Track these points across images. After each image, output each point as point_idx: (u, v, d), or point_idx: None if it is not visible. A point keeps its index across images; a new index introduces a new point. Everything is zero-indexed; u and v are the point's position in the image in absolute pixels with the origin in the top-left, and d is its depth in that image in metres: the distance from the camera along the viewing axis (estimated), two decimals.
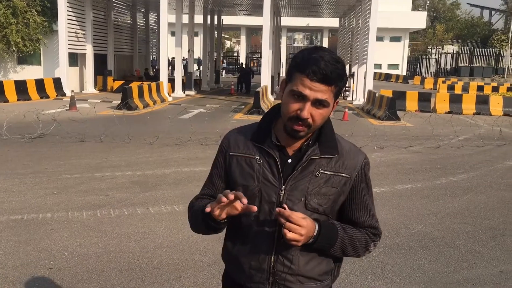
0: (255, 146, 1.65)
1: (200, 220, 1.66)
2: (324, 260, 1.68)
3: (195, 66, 31.23)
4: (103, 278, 4.08)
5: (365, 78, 20.86)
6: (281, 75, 32.56)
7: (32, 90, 19.32)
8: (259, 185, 1.63)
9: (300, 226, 1.49)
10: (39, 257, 4.45)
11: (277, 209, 1.51)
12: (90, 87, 23.86)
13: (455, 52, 49.81)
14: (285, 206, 1.55)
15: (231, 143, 1.72)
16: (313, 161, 1.62)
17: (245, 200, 1.48)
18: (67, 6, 21.14)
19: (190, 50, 25.70)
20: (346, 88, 24.95)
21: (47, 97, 19.87)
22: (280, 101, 1.64)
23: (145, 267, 4.32)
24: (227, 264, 1.79)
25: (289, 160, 1.63)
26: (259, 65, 38.74)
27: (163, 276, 4.15)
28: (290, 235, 1.48)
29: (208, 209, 1.55)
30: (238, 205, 1.51)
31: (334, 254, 1.66)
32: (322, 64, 1.49)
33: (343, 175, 1.65)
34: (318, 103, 1.53)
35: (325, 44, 54.02)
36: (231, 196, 1.48)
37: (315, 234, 1.56)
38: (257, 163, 1.64)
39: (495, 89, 30.14)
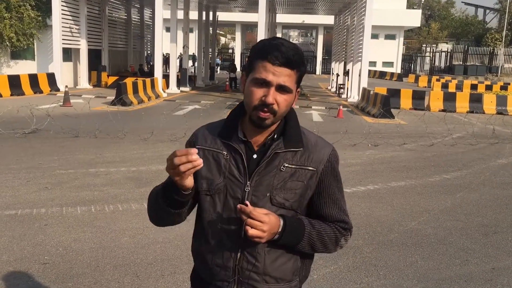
0: (222, 142, 1.63)
1: (162, 201, 1.59)
2: (292, 258, 1.64)
3: (190, 62, 31.14)
4: (97, 273, 4.08)
5: (359, 75, 20.90)
6: None
7: (25, 85, 19.20)
8: (224, 180, 1.61)
9: (262, 222, 1.46)
10: (34, 252, 4.44)
11: (239, 205, 1.48)
12: (84, 83, 23.75)
13: (449, 50, 50.04)
14: (247, 202, 1.49)
15: (199, 137, 1.70)
16: (277, 155, 1.58)
17: (192, 157, 1.40)
18: (61, 1, 21.01)
19: (185, 46, 25.63)
20: (341, 86, 25.03)
21: (41, 92, 19.76)
22: None
23: (139, 262, 4.32)
24: (195, 261, 1.75)
25: (254, 156, 1.60)
26: None
27: (158, 271, 4.16)
28: (251, 231, 1.46)
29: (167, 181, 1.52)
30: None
31: (302, 250, 1.62)
32: (283, 49, 1.50)
33: (309, 168, 1.61)
34: (282, 89, 1.51)
35: (320, 41, 54.11)
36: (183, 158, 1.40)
37: (279, 230, 1.52)
38: (224, 159, 1.62)
39: (489, 88, 30.32)
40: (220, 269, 1.63)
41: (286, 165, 1.58)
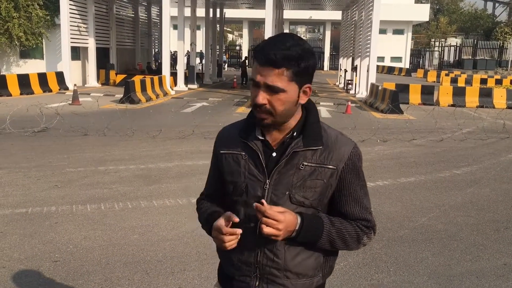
0: (241, 142, 1.65)
1: (205, 227, 1.76)
2: (313, 255, 1.63)
3: (197, 60, 31.17)
4: (108, 270, 4.10)
5: (368, 71, 20.79)
6: None
7: (34, 84, 19.34)
8: (245, 180, 1.62)
9: (277, 221, 1.47)
10: (44, 250, 4.47)
11: (255, 204, 1.49)
12: (92, 81, 23.86)
13: (458, 44, 49.64)
14: (263, 201, 1.50)
15: (221, 141, 1.73)
16: (296, 153, 1.58)
17: (235, 219, 1.55)
18: (69, 0, 21.10)
19: (193, 44, 25.64)
20: (349, 81, 24.91)
21: (50, 91, 19.89)
22: None
23: (149, 260, 4.34)
24: (220, 257, 1.79)
25: (274, 154, 1.60)
26: None
27: (168, 268, 4.17)
28: (266, 230, 1.47)
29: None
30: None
31: (322, 247, 1.61)
32: (268, 48, 1.47)
33: (329, 167, 1.59)
34: (270, 89, 1.49)
35: (328, 37, 53.87)
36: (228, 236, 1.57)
37: (297, 228, 1.53)
38: (243, 159, 1.63)
39: (499, 82, 29.98)
40: (242, 265, 1.66)
41: (306, 163, 1.58)
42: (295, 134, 1.59)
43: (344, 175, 1.61)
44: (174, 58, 32.35)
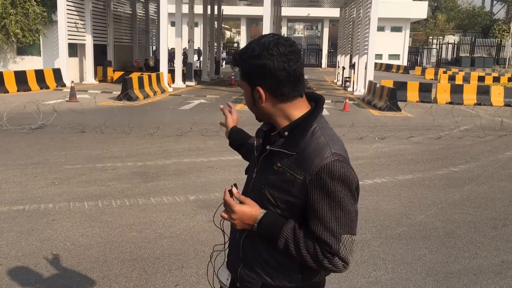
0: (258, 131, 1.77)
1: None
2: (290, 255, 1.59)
3: (195, 57, 31.09)
4: (105, 268, 4.09)
5: (365, 68, 20.78)
6: None
7: (32, 80, 19.27)
8: (248, 167, 1.81)
9: (232, 210, 1.56)
10: (41, 248, 4.46)
11: (225, 188, 1.60)
12: (90, 78, 23.78)
13: (456, 42, 49.59)
14: (233, 188, 1.60)
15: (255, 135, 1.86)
16: (273, 152, 1.59)
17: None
18: None
19: (190, 41, 25.59)
20: (347, 79, 24.91)
21: (47, 87, 19.81)
22: None
23: (147, 257, 4.33)
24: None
25: (268, 147, 1.66)
26: None
27: (165, 266, 4.17)
28: (222, 214, 1.61)
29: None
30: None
31: (282, 251, 1.57)
32: (240, 49, 1.63)
33: (297, 176, 1.53)
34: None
35: (326, 34, 53.81)
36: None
37: (255, 223, 1.58)
38: (252, 147, 1.78)
39: (496, 80, 30.04)
40: (234, 244, 1.75)
41: (279, 165, 1.58)
42: (286, 133, 1.60)
43: (310, 190, 1.51)
44: (171, 56, 32.29)
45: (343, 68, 26.33)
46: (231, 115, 2.20)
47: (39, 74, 19.82)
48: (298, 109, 1.61)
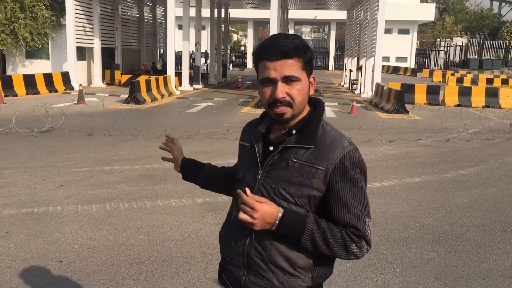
0: (250, 134, 1.76)
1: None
2: (302, 254, 1.61)
3: (202, 60, 31.17)
4: (113, 270, 4.10)
5: (373, 71, 20.72)
6: None
7: (40, 84, 19.42)
8: (244, 170, 1.73)
9: (253, 209, 1.50)
10: (50, 250, 4.48)
11: (237, 190, 1.53)
12: (98, 81, 23.93)
13: (464, 44, 49.37)
14: (247, 189, 1.53)
15: (242, 133, 1.86)
16: (287, 149, 1.61)
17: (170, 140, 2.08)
18: (75, 0, 21.17)
19: (197, 44, 25.66)
20: (354, 81, 24.85)
21: (56, 91, 19.97)
22: None
23: (154, 260, 4.34)
24: (219, 244, 1.83)
25: (271, 148, 1.65)
26: None
27: (173, 269, 4.17)
28: (241, 215, 1.51)
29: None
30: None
31: (306, 247, 1.58)
32: (276, 43, 1.56)
33: (318, 167, 1.57)
34: (288, 80, 1.56)
35: (333, 37, 53.76)
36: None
37: (276, 221, 1.53)
38: (247, 150, 1.75)
39: (505, 82, 29.80)
40: (234, 254, 1.69)
41: (295, 160, 1.59)
42: (293, 131, 1.63)
43: (333, 178, 1.57)
44: (178, 58, 32.41)
45: (350, 70, 26.28)
46: (176, 146, 2.16)
47: (48, 77, 19.98)
48: (305, 108, 1.69)
